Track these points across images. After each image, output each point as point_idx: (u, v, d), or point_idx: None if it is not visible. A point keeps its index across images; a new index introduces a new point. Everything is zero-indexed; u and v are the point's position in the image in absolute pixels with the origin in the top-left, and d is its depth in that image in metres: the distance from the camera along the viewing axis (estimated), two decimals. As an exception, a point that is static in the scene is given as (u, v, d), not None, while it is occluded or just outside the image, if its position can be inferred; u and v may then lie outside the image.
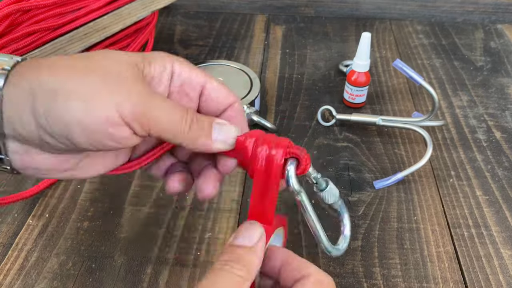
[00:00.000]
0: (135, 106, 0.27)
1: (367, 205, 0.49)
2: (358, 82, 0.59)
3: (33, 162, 0.29)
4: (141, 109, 0.27)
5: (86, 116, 0.26)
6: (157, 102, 0.28)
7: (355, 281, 0.42)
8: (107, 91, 0.27)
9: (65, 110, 0.26)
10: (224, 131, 0.31)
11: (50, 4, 0.51)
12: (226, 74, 0.61)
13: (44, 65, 0.27)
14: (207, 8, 0.85)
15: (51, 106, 0.26)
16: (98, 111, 0.26)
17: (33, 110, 0.26)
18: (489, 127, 0.59)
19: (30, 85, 0.26)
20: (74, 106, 0.26)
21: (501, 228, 0.47)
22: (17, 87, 0.27)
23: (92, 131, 0.27)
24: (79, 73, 0.27)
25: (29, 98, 0.26)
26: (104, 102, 0.26)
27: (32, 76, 0.27)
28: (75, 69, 0.27)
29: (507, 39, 0.78)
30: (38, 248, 0.44)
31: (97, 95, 0.26)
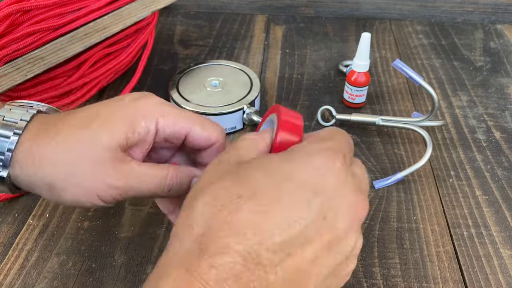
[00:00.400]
0: (115, 191, 0.33)
1: (367, 205, 0.49)
2: (358, 82, 0.60)
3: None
4: (121, 192, 0.33)
5: (75, 201, 0.33)
6: (136, 179, 0.33)
7: (355, 281, 0.42)
8: (89, 183, 0.33)
9: (59, 196, 0.33)
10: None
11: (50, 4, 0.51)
12: (226, 74, 0.61)
13: (44, 158, 0.33)
14: (207, 8, 0.85)
15: (49, 195, 0.33)
16: (84, 200, 0.33)
17: (37, 186, 0.33)
18: (488, 127, 0.59)
19: (29, 179, 0.33)
20: (66, 197, 0.33)
21: (501, 228, 0.47)
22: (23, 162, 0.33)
23: (80, 205, 0.34)
24: (66, 166, 0.33)
25: (32, 178, 0.33)
26: (88, 194, 0.33)
27: (34, 164, 0.33)
28: (64, 162, 0.33)
29: (506, 39, 0.78)
30: (39, 248, 0.44)
31: (83, 189, 0.33)
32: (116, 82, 0.65)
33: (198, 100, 0.57)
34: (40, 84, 0.54)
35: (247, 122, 0.57)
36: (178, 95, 0.57)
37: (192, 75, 0.61)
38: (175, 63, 0.71)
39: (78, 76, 0.57)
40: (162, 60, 0.71)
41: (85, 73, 0.58)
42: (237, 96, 0.57)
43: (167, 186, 0.34)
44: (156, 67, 0.70)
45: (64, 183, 0.33)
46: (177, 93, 0.58)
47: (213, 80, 0.60)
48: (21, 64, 0.50)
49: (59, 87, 0.56)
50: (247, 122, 0.57)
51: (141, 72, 0.63)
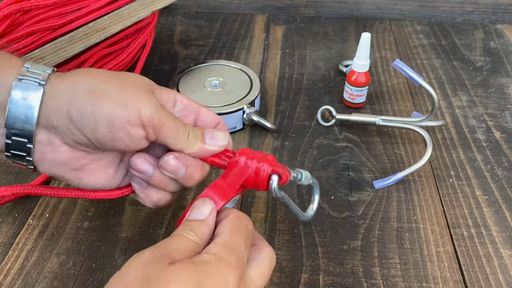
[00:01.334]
0: (152, 114, 0.34)
1: (367, 205, 0.49)
2: (358, 82, 0.60)
3: (52, 154, 0.35)
4: (156, 117, 0.35)
5: (114, 114, 0.33)
6: (167, 114, 0.36)
7: (355, 281, 0.42)
8: (133, 98, 0.34)
9: (98, 107, 0.33)
10: (214, 135, 0.39)
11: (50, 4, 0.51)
12: (226, 74, 0.61)
13: (81, 71, 0.35)
14: (207, 8, 0.85)
15: (86, 103, 0.33)
16: (124, 112, 0.33)
17: (70, 105, 0.33)
18: (488, 127, 0.59)
19: (72, 84, 0.34)
20: (106, 106, 0.33)
21: (501, 228, 0.47)
22: (58, 86, 0.33)
23: (115, 128, 0.33)
24: (113, 79, 0.35)
25: (68, 95, 0.33)
26: (130, 107, 0.34)
27: (73, 77, 0.34)
28: (110, 75, 0.35)
29: (506, 39, 0.78)
30: (39, 248, 0.44)
31: (125, 100, 0.34)
32: (116, 82, 0.65)
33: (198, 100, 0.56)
34: (40, 84, 0.54)
35: (247, 122, 0.57)
36: (178, 95, 0.57)
37: (192, 75, 0.61)
38: (175, 63, 0.71)
39: (78, 76, 0.57)
40: (162, 60, 0.71)
41: (85, 73, 0.58)
42: (237, 96, 0.57)
43: (187, 130, 0.37)
44: (156, 67, 0.70)
45: (108, 86, 0.34)
46: (177, 93, 0.58)
47: (213, 80, 0.60)
48: (21, 64, 0.50)
49: (59, 87, 0.56)
50: (247, 122, 0.57)
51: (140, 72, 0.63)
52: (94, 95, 0.33)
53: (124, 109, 0.33)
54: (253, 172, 0.37)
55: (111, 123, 0.33)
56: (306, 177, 0.42)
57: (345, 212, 0.48)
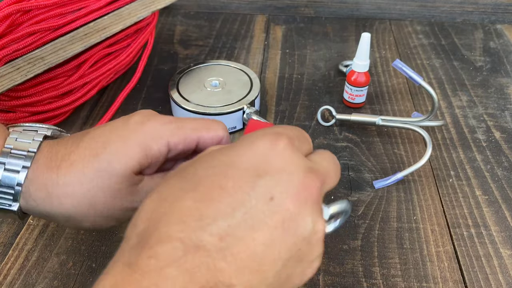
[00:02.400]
0: (132, 212, 0.30)
1: (367, 205, 0.49)
2: (358, 82, 0.60)
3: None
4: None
5: (93, 228, 0.35)
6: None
7: (355, 280, 0.42)
8: (109, 211, 0.33)
9: (77, 225, 0.34)
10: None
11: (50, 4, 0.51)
12: (226, 74, 0.61)
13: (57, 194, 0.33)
14: (207, 8, 0.85)
15: (65, 223, 0.34)
16: (104, 224, 0.35)
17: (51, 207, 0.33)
18: (488, 127, 0.59)
19: (45, 211, 0.34)
20: (85, 224, 0.34)
21: (501, 227, 0.47)
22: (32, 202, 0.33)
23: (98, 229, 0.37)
24: (84, 199, 0.33)
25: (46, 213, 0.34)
26: (107, 220, 0.34)
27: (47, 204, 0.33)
28: (82, 195, 0.33)
29: (506, 39, 0.78)
30: (39, 248, 0.44)
31: (102, 217, 0.34)
32: (116, 82, 0.66)
33: (198, 100, 0.57)
34: (40, 84, 0.54)
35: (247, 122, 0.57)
36: (178, 95, 0.57)
37: (192, 75, 0.61)
38: (175, 63, 0.71)
39: (78, 76, 0.57)
40: (162, 60, 0.71)
41: (85, 73, 0.58)
42: (237, 96, 0.57)
43: None
44: (156, 67, 0.70)
45: (83, 214, 0.33)
46: (177, 93, 0.58)
47: (213, 80, 0.60)
48: (21, 64, 0.50)
49: (59, 87, 0.56)
50: (247, 122, 0.57)
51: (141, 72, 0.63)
52: (73, 222, 0.34)
53: (105, 222, 0.34)
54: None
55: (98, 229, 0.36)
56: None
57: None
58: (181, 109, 0.56)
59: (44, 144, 0.34)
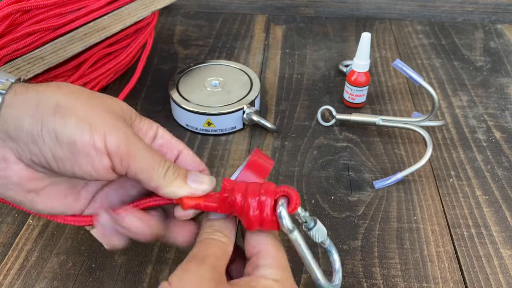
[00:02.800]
0: (120, 142, 0.30)
1: (367, 205, 0.49)
2: (358, 82, 0.59)
3: (5, 171, 0.31)
4: (126, 146, 0.31)
5: (76, 134, 0.29)
6: (140, 144, 0.32)
7: (355, 281, 0.42)
8: (101, 121, 0.30)
9: (60, 123, 0.29)
10: (198, 178, 0.34)
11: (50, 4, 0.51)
12: (226, 74, 0.61)
13: (51, 83, 0.31)
14: (207, 8, 0.85)
15: (48, 116, 0.29)
16: (88, 134, 0.30)
17: (31, 117, 0.29)
18: (488, 127, 0.59)
19: (37, 95, 0.30)
20: (70, 123, 0.29)
21: (501, 228, 0.47)
22: (20, 95, 0.30)
23: (76, 150, 0.30)
24: (82, 96, 0.31)
25: (31, 106, 0.30)
26: (96, 129, 0.30)
27: (39, 88, 0.31)
28: (81, 93, 0.31)
29: (507, 39, 0.78)
30: (38, 248, 0.44)
31: (92, 121, 0.30)
32: (116, 82, 0.65)
33: (198, 100, 0.57)
34: (40, 84, 0.54)
35: (247, 122, 0.57)
36: (178, 95, 0.57)
37: (192, 75, 0.61)
38: (175, 63, 0.71)
39: (78, 76, 0.57)
40: (162, 60, 0.71)
41: (85, 73, 0.58)
42: (237, 96, 0.57)
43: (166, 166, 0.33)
44: (156, 67, 0.69)
45: (75, 103, 0.30)
46: (177, 93, 0.58)
47: (213, 80, 0.60)
48: (21, 64, 0.50)
49: (59, 87, 0.56)
50: (247, 122, 0.57)
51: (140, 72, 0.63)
52: (59, 109, 0.30)
53: (89, 131, 0.30)
54: (255, 212, 0.31)
55: (73, 143, 0.29)
56: (320, 230, 0.34)
57: (345, 212, 0.48)
58: (181, 109, 0.56)
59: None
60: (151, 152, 0.32)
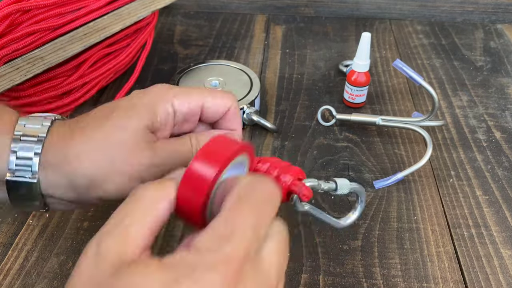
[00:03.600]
0: (154, 170, 0.33)
1: (367, 205, 0.49)
2: (358, 82, 0.59)
3: (64, 208, 0.37)
4: (158, 169, 0.34)
5: (119, 191, 0.33)
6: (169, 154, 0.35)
7: (355, 281, 0.42)
8: (130, 167, 0.33)
9: (102, 190, 0.33)
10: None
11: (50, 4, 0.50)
12: (226, 74, 0.61)
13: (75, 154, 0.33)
14: (207, 8, 0.85)
15: (88, 191, 0.33)
16: (127, 187, 0.32)
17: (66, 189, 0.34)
18: (489, 127, 0.59)
19: (66, 179, 0.33)
20: (109, 188, 0.33)
21: (501, 228, 0.47)
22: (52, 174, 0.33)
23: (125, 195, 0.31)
24: (104, 156, 0.33)
25: (64, 185, 0.33)
26: (131, 179, 0.33)
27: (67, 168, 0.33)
28: (101, 152, 0.33)
29: (507, 39, 0.78)
30: (38, 248, 0.44)
31: (125, 175, 0.33)
32: (116, 82, 0.65)
33: (198, 100, 0.57)
34: (40, 84, 0.54)
35: (247, 122, 0.57)
36: (178, 95, 0.57)
37: (192, 75, 0.61)
38: (175, 63, 0.71)
39: (77, 76, 0.57)
40: (162, 60, 0.71)
41: (85, 73, 0.58)
42: (237, 96, 0.57)
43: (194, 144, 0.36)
44: (156, 67, 0.69)
45: (105, 173, 0.33)
46: (177, 93, 0.58)
47: (213, 80, 0.60)
48: (20, 64, 0.50)
49: (58, 87, 0.56)
50: (247, 122, 0.57)
51: (139, 72, 0.63)
52: (96, 186, 0.33)
53: (129, 183, 0.33)
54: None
55: (125, 194, 0.31)
56: (343, 186, 0.36)
57: (345, 212, 0.48)
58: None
59: (53, 127, 0.34)
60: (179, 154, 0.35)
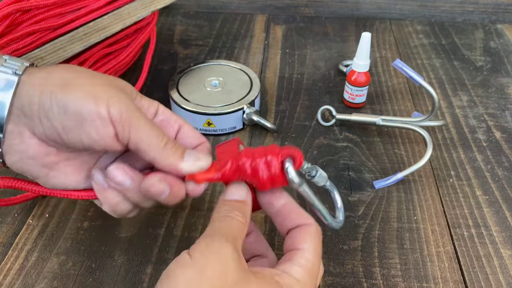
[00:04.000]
0: (122, 111, 0.33)
1: (367, 205, 0.49)
2: (358, 82, 0.59)
3: (21, 145, 0.34)
4: (127, 115, 0.33)
5: (82, 104, 0.33)
6: (141, 115, 0.34)
7: (355, 281, 0.42)
8: (105, 93, 0.33)
9: (68, 96, 0.33)
10: (194, 154, 0.35)
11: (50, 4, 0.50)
12: (226, 74, 0.61)
13: (59, 65, 0.36)
14: (207, 8, 0.85)
15: (57, 91, 0.33)
16: (92, 104, 0.33)
17: (42, 93, 0.33)
18: (489, 127, 0.59)
19: (47, 74, 0.34)
20: (76, 95, 0.33)
21: (501, 228, 0.47)
22: (33, 74, 0.34)
23: (83, 119, 0.33)
24: (87, 75, 0.35)
25: (42, 84, 0.33)
26: (100, 99, 0.33)
27: (49, 68, 0.35)
28: (88, 72, 0.35)
29: (507, 39, 0.78)
30: (38, 248, 0.44)
31: (96, 93, 0.33)
32: (116, 82, 0.65)
33: (198, 100, 0.57)
34: (40, 84, 0.54)
35: (247, 122, 0.57)
36: (178, 95, 0.57)
37: (192, 75, 0.61)
38: (175, 63, 0.71)
39: (78, 76, 0.57)
40: (162, 60, 0.71)
41: (85, 73, 0.58)
42: (237, 96, 0.57)
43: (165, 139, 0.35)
44: (156, 67, 0.69)
45: (82, 80, 0.34)
46: (177, 93, 0.58)
47: (213, 80, 0.60)
48: (20, 64, 0.50)
49: (59, 87, 0.56)
50: (247, 122, 0.57)
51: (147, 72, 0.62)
52: (66, 85, 0.33)
53: (94, 101, 0.33)
54: (264, 172, 0.34)
55: (79, 113, 0.32)
56: (321, 176, 0.38)
57: (345, 212, 0.48)
58: (181, 109, 0.56)
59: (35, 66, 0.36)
60: (151, 124, 0.34)
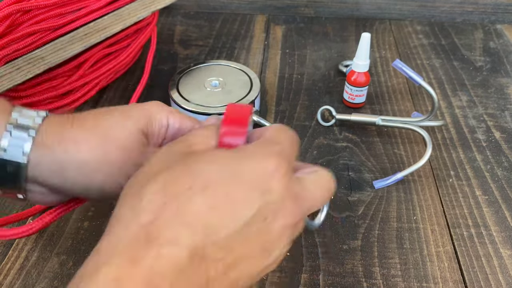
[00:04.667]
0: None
1: (367, 205, 0.49)
2: (357, 82, 0.60)
3: (41, 199, 0.35)
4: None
5: (105, 183, 0.33)
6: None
7: (355, 280, 0.42)
8: (121, 164, 0.33)
9: (90, 178, 0.33)
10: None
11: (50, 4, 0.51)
12: (226, 74, 0.61)
13: (70, 140, 0.33)
14: (207, 8, 0.85)
15: (76, 174, 0.33)
16: (112, 181, 0.33)
17: (59, 178, 0.33)
18: (488, 127, 0.59)
19: (57, 158, 0.32)
20: (96, 178, 0.33)
21: (501, 228, 0.47)
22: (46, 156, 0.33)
23: (106, 190, 0.34)
24: (100, 145, 0.33)
25: (58, 170, 0.33)
26: (119, 175, 0.33)
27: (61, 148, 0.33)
28: (98, 142, 0.33)
29: (506, 39, 0.78)
30: (39, 248, 0.44)
31: (115, 168, 0.33)
32: (116, 82, 0.65)
33: (198, 100, 0.57)
34: (40, 84, 0.54)
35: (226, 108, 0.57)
36: (178, 95, 0.57)
37: (192, 75, 0.61)
38: (175, 63, 0.71)
39: (78, 76, 0.57)
40: (162, 60, 0.71)
41: (85, 73, 0.58)
42: (237, 96, 0.57)
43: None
44: (156, 67, 0.70)
45: (98, 161, 0.33)
46: (177, 93, 0.58)
47: (213, 80, 0.60)
48: (21, 64, 0.50)
49: (59, 87, 0.56)
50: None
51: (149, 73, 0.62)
52: (85, 171, 0.33)
53: (117, 177, 0.33)
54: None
55: (106, 189, 0.34)
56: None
57: (345, 212, 0.48)
58: (181, 109, 0.56)
59: (49, 116, 0.34)
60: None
